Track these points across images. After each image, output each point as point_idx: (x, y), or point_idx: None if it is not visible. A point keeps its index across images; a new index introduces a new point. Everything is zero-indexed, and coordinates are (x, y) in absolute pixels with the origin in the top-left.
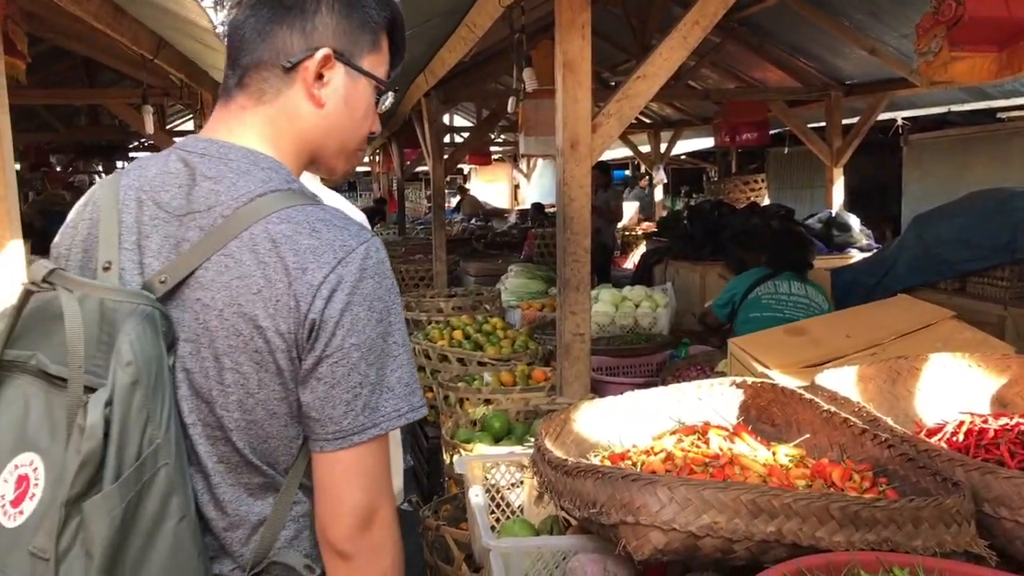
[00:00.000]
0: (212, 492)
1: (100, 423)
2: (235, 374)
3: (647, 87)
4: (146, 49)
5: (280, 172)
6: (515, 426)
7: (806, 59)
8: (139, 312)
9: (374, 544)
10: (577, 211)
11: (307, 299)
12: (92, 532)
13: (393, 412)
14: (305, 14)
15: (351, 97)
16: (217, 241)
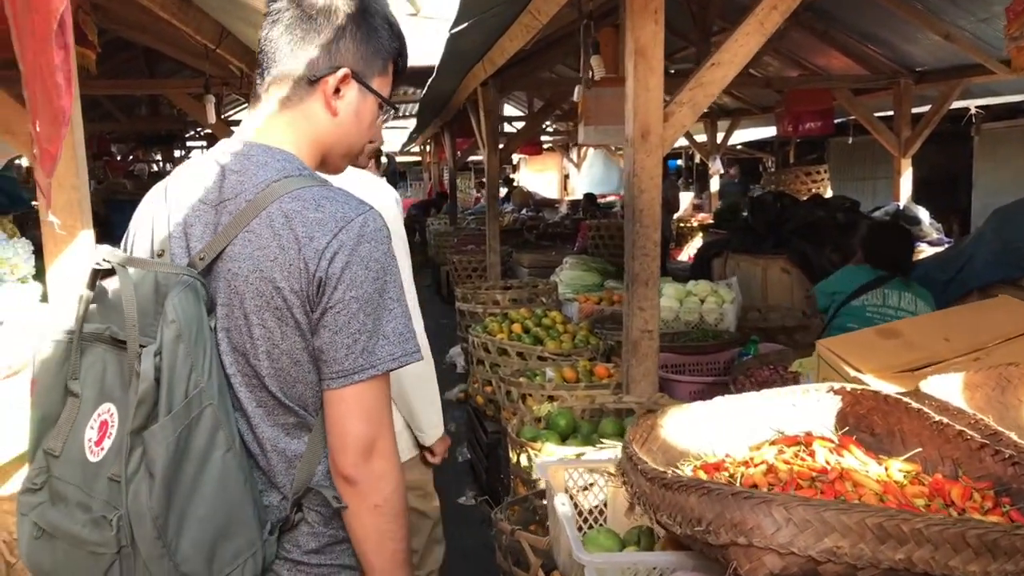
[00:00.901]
0: (255, 432)
1: (151, 369)
2: (262, 329)
3: (722, 75)
4: (209, 39)
5: (292, 162)
6: (581, 424)
7: (874, 45)
8: (182, 282)
9: (376, 472)
10: (647, 203)
11: (314, 261)
12: (152, 456)
13: (388, 356)
14: (332, 38)
15: (361, 110)
16: (242, 221)
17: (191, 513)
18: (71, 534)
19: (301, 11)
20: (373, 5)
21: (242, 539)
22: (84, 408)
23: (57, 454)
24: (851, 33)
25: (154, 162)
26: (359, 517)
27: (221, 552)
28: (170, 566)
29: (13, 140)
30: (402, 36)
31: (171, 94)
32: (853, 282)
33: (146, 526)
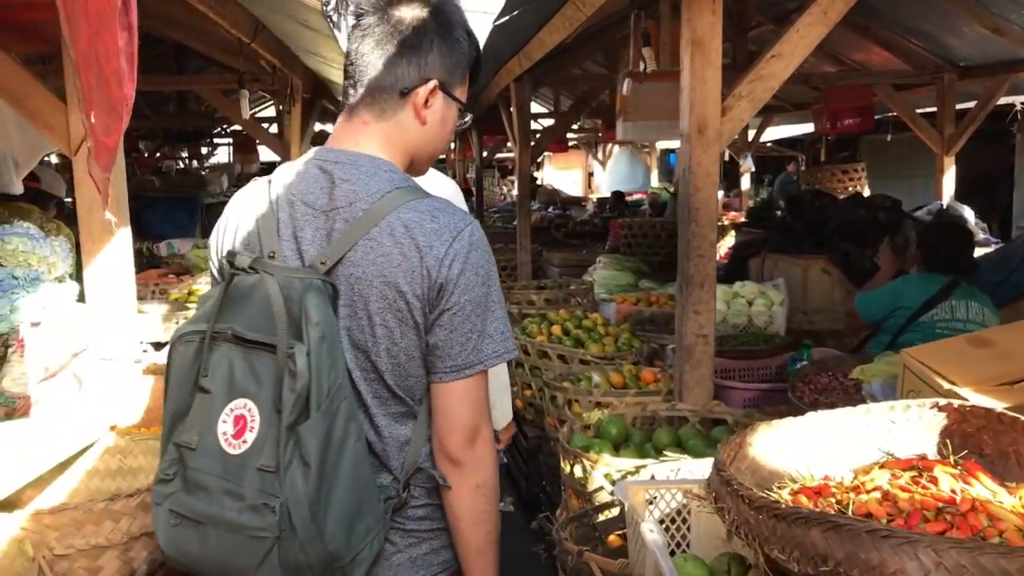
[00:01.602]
0: (371, 421)
1: (306, 369)
2: (384, 328)
3: (782, 67)
4: (244, 33)
5: (397, 173)
6: (632, 433)
7: (916, 39)
8: (314, 285)
9: (478, 455)
10: (703, 201)
11: (435, 268)
12: (308, 447)
13: (492, 353)
14: (421, 52)
15: (445, 117)
16: (361, 229)
17: (334, 497)
18: (225, 520)
19: (392, 27)
20: (455, 18)
21: (371, 518)
22: (215, 404)
23: (193, 447)
24: (892, 27)
25: (181, 159)
26: (460, 496)
27: (356, 530)
28: (320, 546)
29: (50, 134)
30: (478, 45)
31: (202, 90)
32: (920, 294)
33: (303, 511)
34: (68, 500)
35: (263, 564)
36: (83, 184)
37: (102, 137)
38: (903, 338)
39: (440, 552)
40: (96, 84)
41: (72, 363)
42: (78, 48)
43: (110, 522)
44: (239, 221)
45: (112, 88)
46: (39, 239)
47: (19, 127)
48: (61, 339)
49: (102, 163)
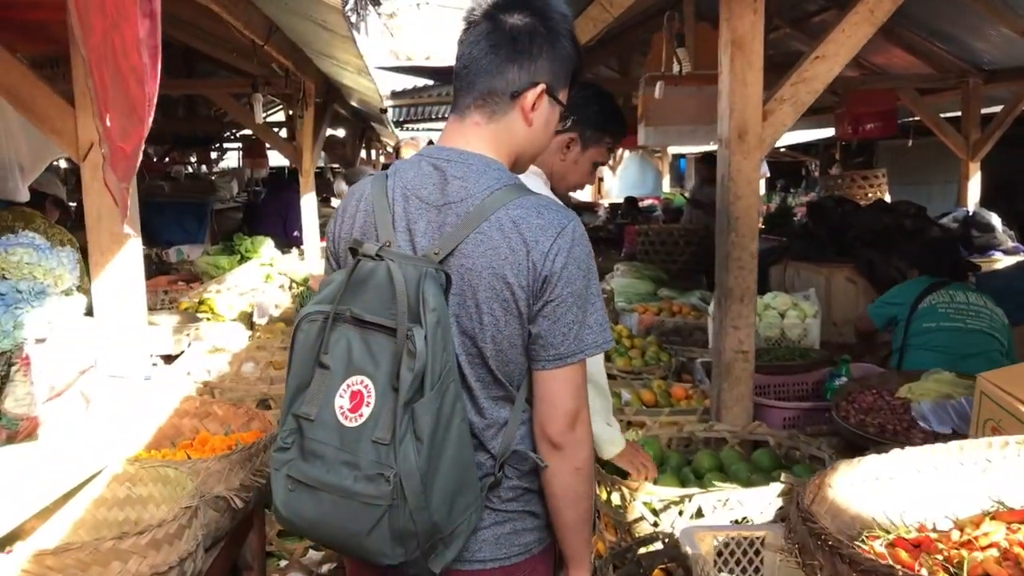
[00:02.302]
0: (475, 403)
1: (424, 350)
2: (490, 316)
3: (826, 69)
4: (258, 35)
5: (505, 172)
6: (669, 455)
7: (941, 42)
8: (430, 274)
9: (578, 438)
10: (744, 210)
11: (540, 262)
12: (421, 423)
13: (592, 343)
14: (532, 57)
15: (549, 120)
16: (472, 223)
17: (440, 471)
18: (341, 487)
19: (504, 33)
20: (563, 25)
21: (470, 494)
22: (333, 379)
23: (312, 418)
24: (916, 30)
25: (190, 163)
26: (560, 477)
27: (457, 504)
28: (427, 516)
29: (58, 139)
30: (581, 50)
31: (214, 94)
32: (914, 289)
33: (414, 482)
34: (73, 533)
35: (374, 530)
36: (91, 191)
37: (119, 142)
38: (913, 326)
39: (523, 534)
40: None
41: (79, 381)
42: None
43: (118, 563)
44: (356, 213)
45: (131, 86)
46: (45, 250)
47: (25, 132)
48: (68, 356)
49: (120, 171)
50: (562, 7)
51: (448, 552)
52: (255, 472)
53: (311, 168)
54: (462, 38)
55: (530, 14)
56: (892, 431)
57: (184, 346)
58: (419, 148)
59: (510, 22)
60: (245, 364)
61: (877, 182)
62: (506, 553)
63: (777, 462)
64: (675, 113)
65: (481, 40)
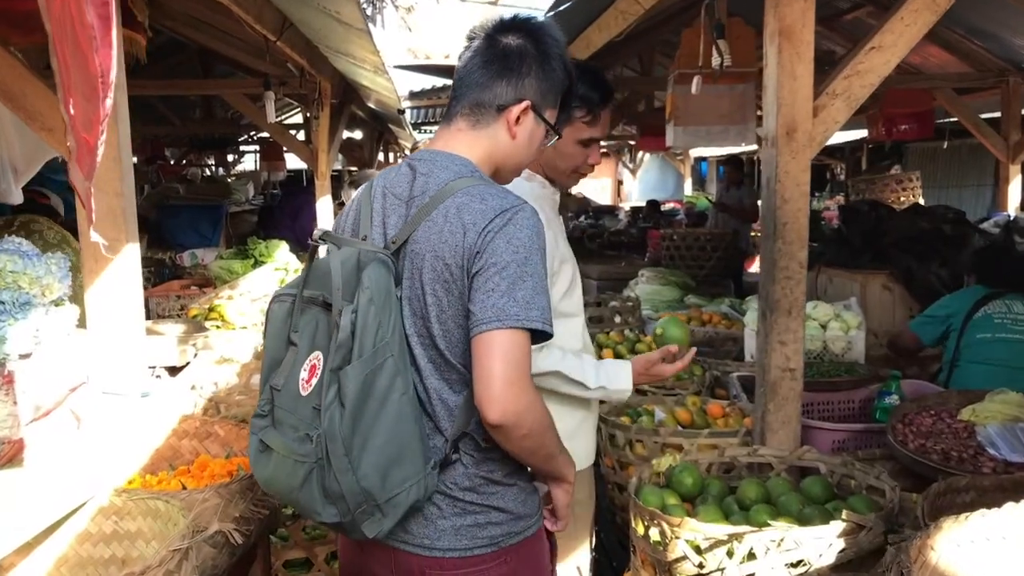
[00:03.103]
0: (424, 384)
1: (348, 324)
2: (433, 297)
3: (883, 60)
4: (270, 30)
5: (467, 166)
6: (709, 483)
7: (980, 40)
8: (377, 259)
9: (518, 411)
10: (792, 215)
11: (474, 239)
12: (346, 390)
13: (514, 315)
14: (520, 75)
15: (533, 136)
16: (425, 213)
17: (372, 440)
18: (284, 447)
19: (497, 51)
20: (553, 49)
21: (410, 467)
22: (300, 355)
23: (279, 389)
24: (953, 27)
25: (207, 166)
26: (511, 446)
27: (392, 475)
28: (353, 480)
29: (50, 137)
30: (572, 75)
31: (227, 95)
32: (968, 299)
33: (337, 444)
34: (55, 571)
35: (304, 485)
36: None
37: (83, 132)
38: (965, 338)
39: (486, 528)
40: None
41: (69, 399)
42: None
43: None
44: (349, 211)
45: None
46: (32, 256)
47: (18, 131)
48: (57, 372)
49: (84, 167)
50: (556, 33)
51: (386, 520)
52: (257, 502)
53: (327, 171)
54: (461, 53)
55: (524, 36)
56: (958, 458)
57: (190, 357)
58: None
59: (504, 41)
60: (254, 375)
61: (911, 185)
62: (467, 544)
63: (830, 492)
64: (706, 112)
65: (476, 56)
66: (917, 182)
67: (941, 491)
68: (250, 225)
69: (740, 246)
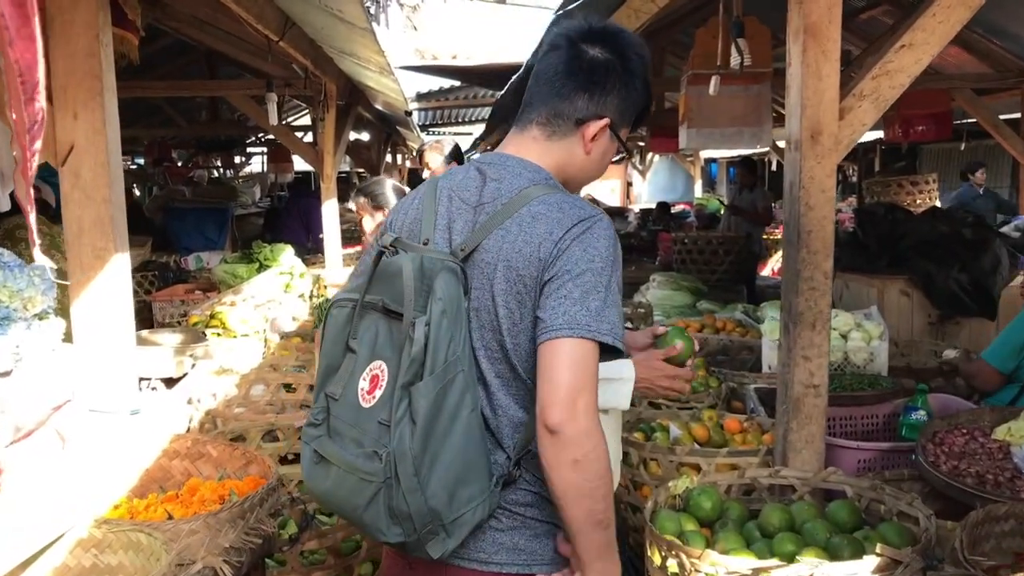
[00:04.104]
0: (491, 399)
1: (422, 337)
2: (506, 310)
3: (913, 59)
4: (272, 30)
5: (541, 172)
6: (729, 506)
7: (998, 39)
8: (447, 267)
9: (579, 426)
10: (817, 223)
11: (550, 249)
12: (416, 407)
13: (585, 325)
14: (604, 90)
15: (607, 153)
16: (497, 220)
17: (441, 458)
18: (347, 462)
19: (583, 62)
20: (638, 68)
21: (476, 486)
22: (359, 362)
23: (337, 397)
24: (972, 26)
25: (214, 167)
26: (558, 470)
27: (460, 494)
28: (421, 499)
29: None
30: (651, 96)
31: (232, 96)
32: None
33: (407, 463)
34: None
35: (370, 505)
36: (71, 201)
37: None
38: None
39: (543, 540)
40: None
41: (53, 418)
42: None
43: None
44: (407, 212)
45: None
46: (13, 268)
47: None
48: (39, 390)
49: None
50: (642, 51)
51: (450, 540)
52: (249, 531)
53: (332, 173)
54: (542, 58)
55: (611, 51)
56: (994, 482)
57: (187, 368)
58: (443, 151)
59: (591, 53)
60: (255, 386)
61: (927, 187)
62: (526, 560)
63: (858, 518)
64: (719, 114)
65: (560, 64)
66: (934, 184)
67: (979, 520)
68: (256, 228)
69: (753, 249)
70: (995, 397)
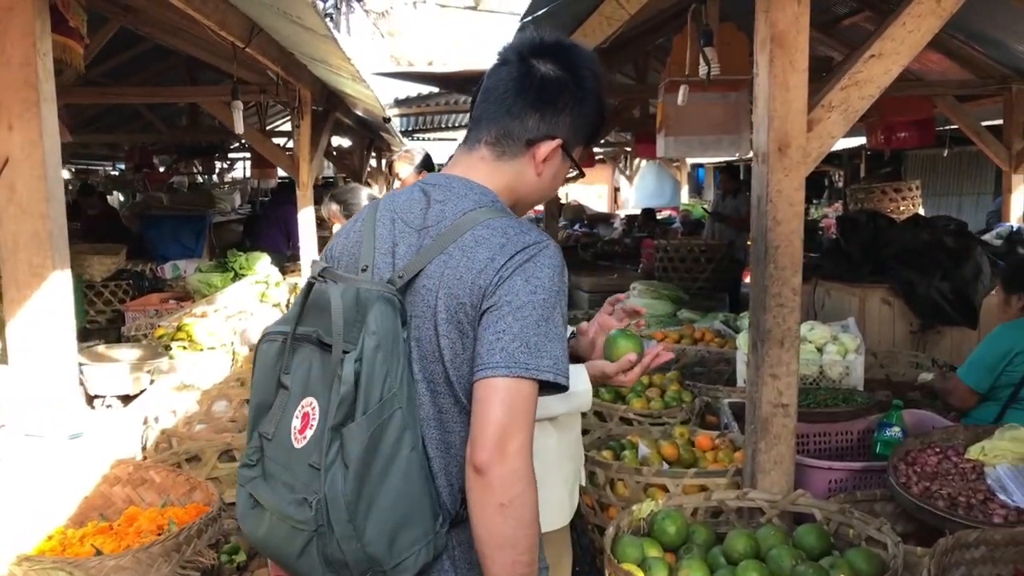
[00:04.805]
0: (435, 435)
1: (352, 373)
2: (447, 339)
3: (883, 70)
4: (236, 36)
5: (488, 195)
6: (695, 530)
7: (980, 45)
8: (383, 297)
9: (508, 468)
10: (785, 238)
11: (490, 276)
12: (348, 450)
13: (524, 363)
14: (556, 109)
15: (558, 173)
16: (441, 245)
17: (378, 502)
18: (278, 509)
19: (535, 79)
20: (592, 84)
21: (419, 529)
22: (292, 400)
23: (270, 437)
24: (954, 32)
25: (196, 174)
26: (482, 514)
27: (401, 539)
28: (358, 547)
29: None
30: (605, 112)
31: (205, 103)
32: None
33: (340, 510)
34: None
35: (303, 554)
36: (6, 215)
37: None
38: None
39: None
40: None
41: None
42: None
43: None
44: (349, 235)
45: None
46: None
47: None
48: None
49: None
50: (594, 65)
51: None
52: (186, 563)
53: (309, 180)
54: (491, 72)
55: (563, 67)
56: (966, 504)
57: (145, 384)
58: (413, 161)
59: (542, 70)
60: (217, 403)
61: (910, 195)
62: None
63: (826, 542)
64: (698, 122)
65: (510, 81)
66: (917, 191)
67: (949, 547)
68: (236, 235)
69: (737, 256)
70: (976, 416)
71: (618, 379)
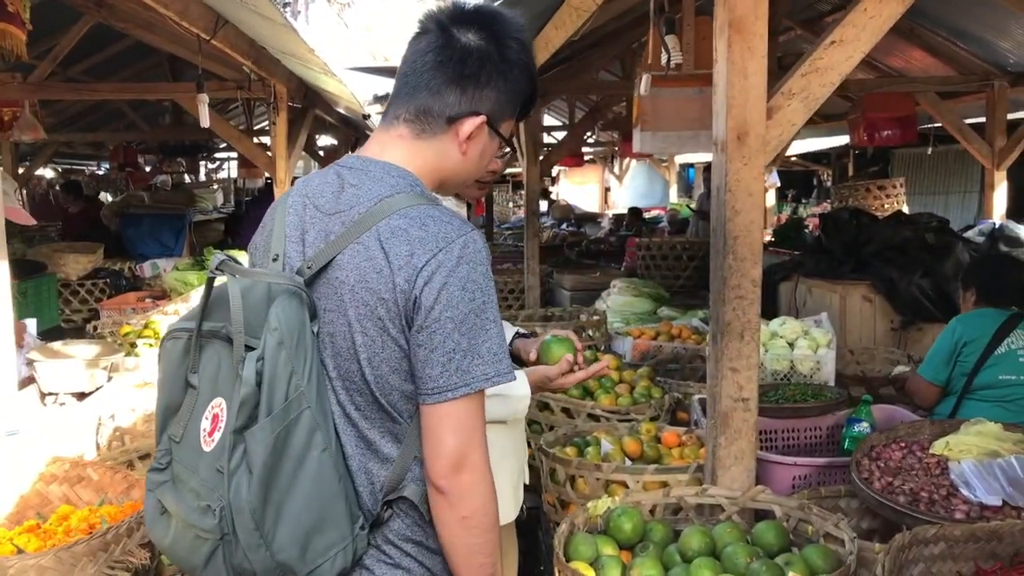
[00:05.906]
0: (351, 434)
1: (253, 374)
2: (363, 336)
3: (844, 56)
4: (200, 28)
5: (407, 179)
6: (652, 527)
7: (963, 43)
8: (287, 290)
9: (464, 485)
10: (744, 228)
11: (412, 280)
12: (252, 454)
13: (481, 375)
14: (478, 83)
15: (486, 150)
16: (354, 233)
17: (287, 508)
18: (183, 516)
19: (453, 51)
20: (518, 55)
21: (334, 533)
22: (200, 400)
23: (178, 440)
24: (937, 29)
25: (180, 172)
26: (448, 527)
27: (314, 544)
28: (267, 555)
29: None
30: (535, 84)
31: (181, 99)
32: (986, 327)
33: (245, 518)
34: None
35: (209, 564)
36: None
37: None
38: (982, 376)
39: None
40: None
41: None
42: None
43: None
44: (265, 224)
45: None
46: None
47: None
48: None
49: None
50: (521, 32)
51: None
52: (114, 563)
53: (285, 177)
54: (411, 43)
55: (486, 36)
56: (928, 500)
57: (101, 381)
58: None
59: (463, 40)
60: None
61: (894, 192)
62: None
63: (785, 539)
64: (675, 117)
65: (429, 53)
66: (901, 188)
67: (906, 543)
68: (218, 234)
69: None
70: (936, 411)
71: (559, 381)
